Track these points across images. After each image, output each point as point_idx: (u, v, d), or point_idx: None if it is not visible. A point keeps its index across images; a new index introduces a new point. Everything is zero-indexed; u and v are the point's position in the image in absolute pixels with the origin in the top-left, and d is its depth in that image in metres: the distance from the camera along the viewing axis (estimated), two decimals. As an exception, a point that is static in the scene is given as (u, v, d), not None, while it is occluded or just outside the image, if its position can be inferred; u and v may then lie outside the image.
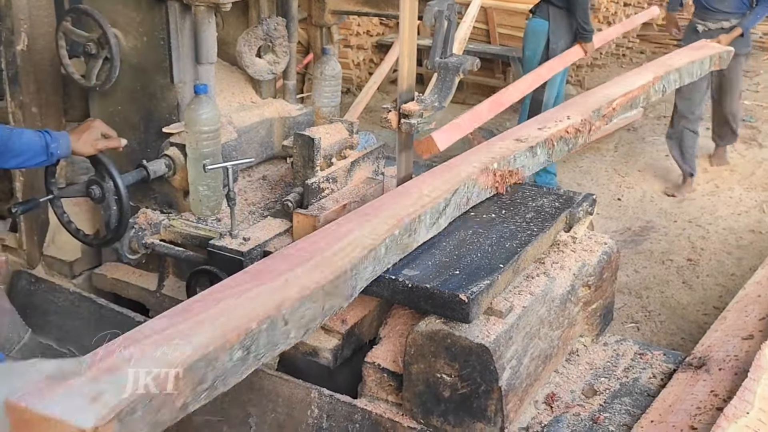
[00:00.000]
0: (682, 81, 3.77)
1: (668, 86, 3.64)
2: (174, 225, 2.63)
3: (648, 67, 3.71)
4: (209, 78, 2.63)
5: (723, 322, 2.80)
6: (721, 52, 4.18)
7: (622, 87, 3.34)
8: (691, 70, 3.85)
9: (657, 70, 3.60)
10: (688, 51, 4.17)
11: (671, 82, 3.65)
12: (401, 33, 2.35)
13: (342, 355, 2.38)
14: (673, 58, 3.89)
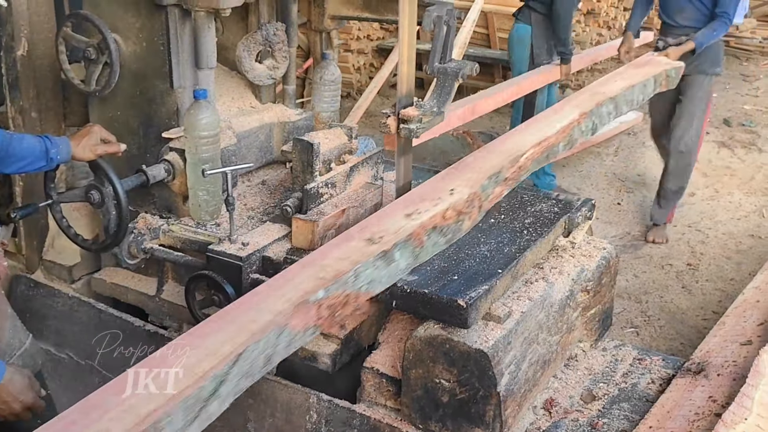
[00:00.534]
0: (619, 111, 3.16)
1: (600, 121, 2.96)
2: (173, 230, 2.63)
3: (575, 99, 3.03)
4: (209, 83, 2.64)
5: (722, 327, 2.80)
6: (668, 69, 3.59)
7: (536, 133, 2.62)
8: (629, 97, 3.20)
9: (585, 102, 2.93)
10: (629, 70, 3.58)
11: (603, 115, 2.99)
12: (401, 38, 2.35)
13: (341, 360, 2.38)
14: (609, 83, 3.24)
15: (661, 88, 3.63)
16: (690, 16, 4.76)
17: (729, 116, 7.16)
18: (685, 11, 4.77)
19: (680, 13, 4.80)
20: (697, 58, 4.71)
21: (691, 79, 4.75)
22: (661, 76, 3.55)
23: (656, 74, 3.51)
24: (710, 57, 4.80)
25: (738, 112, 7.30)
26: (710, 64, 4.82)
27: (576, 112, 2.82)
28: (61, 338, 2.87)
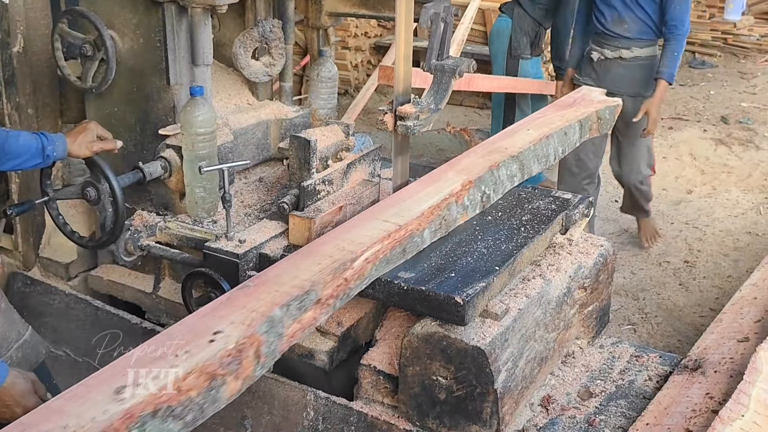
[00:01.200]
0: (527, 172, 2.49)
1: (495, 190, 2.35)
2: (170, 227, 2.63)
3: (464, 159, 2.39)
4: (205, 80, 2.63)
5: (719, 324, 2.80)
6: (600, 109, 2.91)
7: (386, 219, 1.97)
8: (543, 152, 2.56)
9: (476, 165, 2.33)
10: (549, 112, 2.88)
11: (502, 180, 2.37)
12: (397, 35, 2.35)
13: (338, 357, 2.37)
14: (516, 134, 2.61)
15: (590, 134, 2.93)
16: (632, 27, 4.19)
17: (726, 113, 7.16)
18: (625, 22, 4.19)
19: (620, 25, 4.21)
20: (634, 79, 4.19)
21: (630, 103, 4.07)
22: (590, 119, 2.88)
23: (583, 117, 2.83)
24: (646, 76, 4.21)
25: (735, 110, 7.30)
26: (645, 86, 4.20)
27: (459, 180, 2.22)
28: (58, 335, 2.86)
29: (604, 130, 3.02)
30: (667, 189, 5.75)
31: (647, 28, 4.16)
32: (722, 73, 8.74)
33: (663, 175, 5.94)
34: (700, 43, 9.43)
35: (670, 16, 4.04)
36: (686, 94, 7.90)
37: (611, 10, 4.18)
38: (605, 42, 4.26)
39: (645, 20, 4.13)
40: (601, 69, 4.29)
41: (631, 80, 4.22)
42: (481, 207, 2.33)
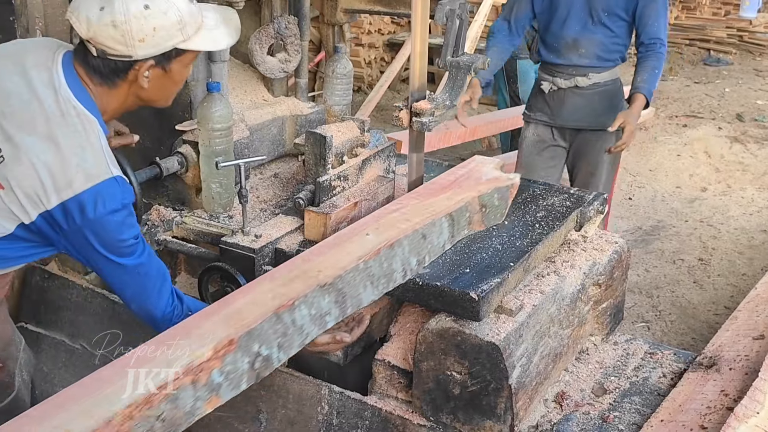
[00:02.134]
0: (350, 307, 1.89)
1: (288, 346, 1.72)
2: (186, 222, 2.65)
3: (241, 298, 1.73)
4: (222, 76, 2.65)
5: (734, 321, 2.79)
6: (485, 193, 2.30)
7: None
8: (381, 270, 1.94)
9: (251, 307, 1.67)
10: (415, 198, 2.25)
11: (300, 329, 1.73)
12: (413, 31, 2.36)
13: (352, 352, 2.38)
14: (344, 245, 1.96)
15: (470, 229, 2.30)
16: (589, 51, 3.58)
17: (742, 111, 7.14)
18: (581, 47, 3.58)
19: (574, 50, 3.59)
20: (590, 111, 3.63)
21: (593, 136, 3.65)
22: (467, 209, 2.25)
23: (457, 208, 2.17)
24: (614, 106, 3.64)
25: (751, 107, 7.28)
26: (608, 116, 3.56)
27: (211, 342, 1.55)
28: (75, 329, 2.89)
29: (491, 222, 2.38)
30: (681, 187, 5.74)
31: (608, 50, 3.60)
32: (738, 70, 8.70)
33: (677, 173, 5.93)
34: (716, 40, 9.39)
35: (647, 35, 3.53)
36: (701, 91, 7.87)
37: (564, 34, 3.59)
38: (557, 70, 3.67)
39: (607, 42, 3.57)
40: (554, 101, 3.71)
41: (591, 111, 3.64)
42: (254, 378, 1.68)
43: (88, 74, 1.94)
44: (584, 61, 3.60)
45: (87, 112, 1.87)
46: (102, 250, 1.87)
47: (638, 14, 3.52)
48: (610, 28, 3.53)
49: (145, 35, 1.86)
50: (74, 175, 1.81)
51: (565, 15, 3.56)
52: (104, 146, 1.88)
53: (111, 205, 1.84)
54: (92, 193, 1.82)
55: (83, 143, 1.84)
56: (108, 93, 1.96)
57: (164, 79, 1.99)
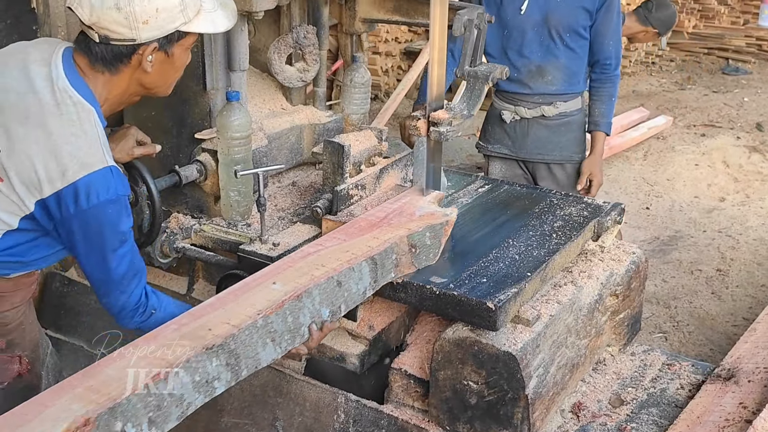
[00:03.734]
0: (245, 367, 1.67)
1: (162, 421, 1.48)
2: (205, 229, 2.67)
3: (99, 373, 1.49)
4: (241, 85, 2.67)
5: (753, 333, 2.77)
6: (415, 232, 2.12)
7: None
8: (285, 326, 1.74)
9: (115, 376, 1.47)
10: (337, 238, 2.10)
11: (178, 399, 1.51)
12: (431, 41, 2.36)
13: (369, 360, 2.39)
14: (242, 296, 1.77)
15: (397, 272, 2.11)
16: (556, 78, 3.37)
17: (761, 121, 7.09)
18: (547, 73, 3.36)
19: (540, 78, 3.37)
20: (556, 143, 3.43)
21: (558, 170, 3.51)
22: (393, 251, 2.06)
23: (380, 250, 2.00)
24: (577, 137, 3.48)
25: (770, 117, 7.23)
26: (577, 146, 3.48)
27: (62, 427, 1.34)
28: (94, 335, 2.90)
29: (422, 264, 2.16)
30: (699, 197, 5.71)
31: (574, 75, 3.39)
32: (757, 79, 8.65)
33: (695, 183, 5.90)
34: (734, 49, 9.34)
35: (603, 54, 3.34)
36: (719, 100, 7.83)
37: (525, 60, 3.35)
38: (520, 99, 3.43)
39: (573, 66, 3.36)
40: (517, 133, 3.47)
41: (557, 143, 3.44)
42: None
43: (90, 63, 1.95)
44: (551, 89, 3.38)
45: (84, 101, 1.89)
46: (90, 240, 1.87)
47: (594, 30, 3.32)
48: (574, 49, 3.33)
49: (148, 17, 1.88)
50: (68, 164, 1.82)
51: (520, 40, 3.33)
52: (100, 136, 1.89)
53: (105, 195, 1.84)
54: (86, 183, 1.82)
55: (77, 132, 1.85)
56: (110, 81, 1.97)
57: (166, 64, 2.01)
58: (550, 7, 3.28)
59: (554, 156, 3.45)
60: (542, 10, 3.29)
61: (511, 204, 2.72)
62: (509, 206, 2.70)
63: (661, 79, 8.88)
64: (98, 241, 1.89)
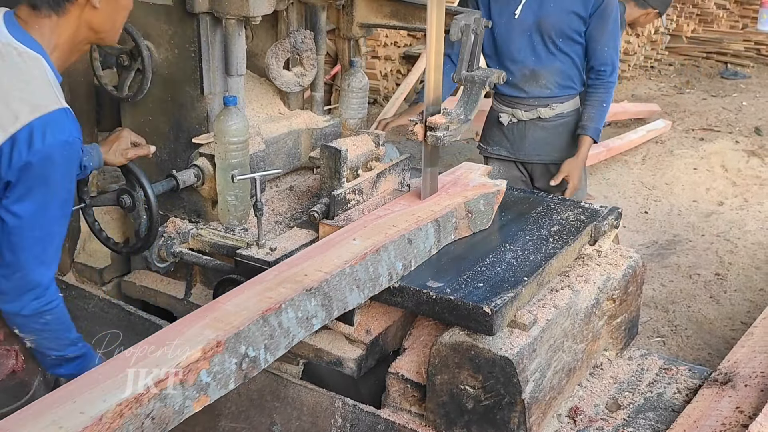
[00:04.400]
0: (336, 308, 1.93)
1: (273, 347, 1.77)
2: (202, 234, 2.67)
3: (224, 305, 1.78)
4: (238, 90, 2.67)
5: (750, 337, 2.77)
6: (471, 199, 2.39)
7: None
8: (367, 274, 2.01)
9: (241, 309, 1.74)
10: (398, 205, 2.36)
11: (286, 330, 1.79)
12: (428, 45, 2.37)
13: (366, 365, 2.39)
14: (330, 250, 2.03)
15: (456, 234, 2.37)
16: (550, 81, 3.38)
17: (759, 125, 7.10)
18: (541, 77, 3.38)
19: (534, 82, 3.39)
20: (553, 145, 3.45)
21: (552, 171, 3.49)
22: (454, 215, 2.32)
23: (443, 214, 2.26)
24: (573, 138, 3.45)
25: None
26: (573, 150, 3.44)
27: (199, 344, 1.61)
28: (92, 339, 2.90)
29: (477, 228, 2.41)
30: (697, 201, 5.71)
31: (570, 79, 3.41)
32: (755, 83, 8.66)
33: (694, 187, 5.90)
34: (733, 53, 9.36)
35: (598, 60, 3.33)
36: (718, 105, 7.84)
37: (520, 65, 3.37)
38: (516, 102, 3.46)
39: (567, 70, 3.38)
40: (514, 135, 3.51)
41: (554, 145, 3.47)
42: (242, 378, 1.71)
43: (35, 10, 1.93)
44: (546, 92, 3.41)
45: (30, 51, 1.88)
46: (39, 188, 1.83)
47: (588, 36, 3.32)
48: (568, 54, 3.34)
49: None
50: (19, 108, 1.81)
51: (515, 48, 3.36)
52: (52, 81, 1.88)
53: (60, 136, 1.83)
54: (41, 123, 1.80)
55: (26, 78, 1.85)
56: (58, 24, 1.96)
57: (114, 3, 2.02)
58: (543, 12, 3.29)
59: (552, 157, 3.46)
60: (536, 15, 3.31)
61: (508, 208, 2.72)
62: (506, 210, 2.71)
63: (660, 83, 8.90)
64: (47, 191, 1.84)
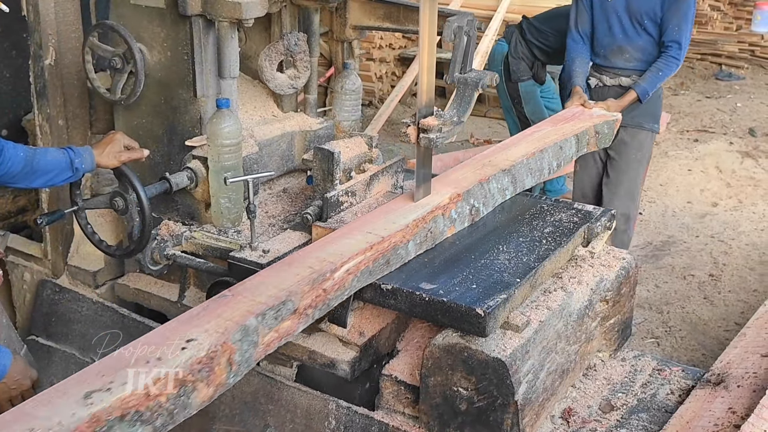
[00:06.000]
0: (519, 186, 2.63)
1: (486, 203, 2.49)
2: (195, 237, 2.67)
3: (454, 173, 2.52)
4: (231, 92, 2.67)
5: (742, 338, 2.78)
6: (598, 123, 3.07)
7: (369, 232, 2.06)
8: (537, 165, 2.69)
9: (466, 178, 2.45)
10: (546, 127, 3.05)
11: (492, 194, 2.49)
12: (421, 48, 2.37)
13: (359, 367, 2.39)
14: (510, 148, 2.76)
15: (588, 149, 3.01)
16: (633, 56, 3.88)
17: (754, 126, 7.11)
18: (625, 52, 3.89)
19: (619, 55, 3.90)
20: (634, 109, 3.84)
21: (626, 135, 3.91)
22: (587, 133, 2.95)
23: (580, 131, 2.90)
24: (649, 108, 3.92)
25: (763, 122, 7.24)
26: (650, 117, 3.95)
27: (447, 194, 2.29)
28: (86, 342, 2.91)
29: (603, 145, 3.14)
30: (692, 202, 5.72)
31: (650, 55, 3.85)
32: (750, 85, 8.67)
33: (688, 188, 5.91)
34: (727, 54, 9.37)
35: (668, 37, 3.76)
36: (712, 106, 7.85)
37: (610, 40, 3.88)
38: (603, 69, 3.97)
39: (649, 47, 3.84)
40: (598, 96, 3.90)
41: (630, 110, 3.81)
42: (469, 220, 2.45)
43: None
44: (629, 65, 3.90)
45: None
46: None
47: (664, 16, 3.76)
48: (651, 34, 3.82)
49: None
50: None
51: (610, 24, 3.87)
52: None
53: None
54: None
55: None
56: None
57: None
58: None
59: (625, 120, 3.71)
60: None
61: (502, 210, 2.72)
62: (499, 212, 2.71)
63: (655, 85, 8.89)
64: None
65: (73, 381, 1.47)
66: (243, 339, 1.64)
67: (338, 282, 1.88)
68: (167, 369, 1.49)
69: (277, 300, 1.72)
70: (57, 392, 1.44)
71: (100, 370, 1.49)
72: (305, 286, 1.80)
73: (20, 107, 3.46)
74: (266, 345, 1.68)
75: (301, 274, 1.84)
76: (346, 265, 1.91)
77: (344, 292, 1.93)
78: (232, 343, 1.61)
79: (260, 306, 1.70)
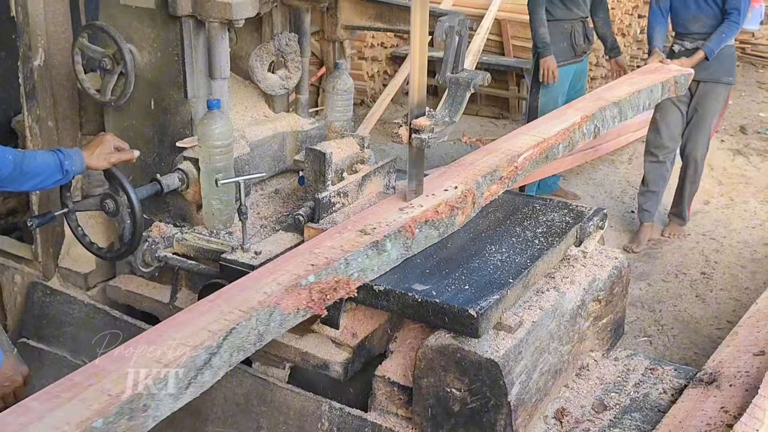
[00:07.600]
0: (624, 116, 3.34)
1: (603, 125, 3.16)
2: (187, 238, 2.66)
3: (579, 103, 3.28)
4: (222, 93, 2.66)
5: (735, 337, 2.79)
6: (676, 75, 3.82)
7: (536, 135, 2.83)
8: (635, 102, 3.40)
9: (588, 106, 3.16)
10: (636, 76, 3.82)
11: (607, 119, 3.18)
12: (412, 47, 2.37)
13: (352, 368, 2.39)
14: (614, 89, 3.48)
15: (669, 94, 3.81)
16: (707, 23, 4.70)
17: (745, 124, 7.13)
18: (699, 20, 4.72)
19: (695, 23, 4.73)
20: (711, 66, 4.64)
21: (706, 88, 4.75)
22: (669, 82, 3.74)
23: (664, 80, 3.71)
24: (725, 65, 4.74)
25: (753, 120, 7.27)
26: (725, 72, 4.77)
27: (578, 115, 3.02)
28: (77, 345, 2.89)
29: (680, 92, 3.95)
30: (684, 200, 5.72)
31: (720, 21, 4.63)
32: (740, 82, 8.68)
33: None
34: (718, 52, 9.37)
35: (729, 5, 4.58)
36: (704, 104, 7.85)
37: (688, 11, 4.72)
38: (685, 36, 4.80)
39: (719, 16, 4.63)
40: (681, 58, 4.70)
41: (707, 67, 4.64)
42: (593, 136, 3.13)
43: None
44: (704, 30, 4.68)
45: None
46: None
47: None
48: (719, 4, 4.62)
49: None
50: None
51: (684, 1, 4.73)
52: None
53: None
54: None
55: None
56: None
57: None
58: None
59: (704, 76, 4.65)
60: None
61: (494, 210, 2.72)
62: (492, 212, 2.71)
63: (646, 83, 8.90)
64: None
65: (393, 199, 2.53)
66: (477, 189, 2.56)
67: (520, 164, 2.74)
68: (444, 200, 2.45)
69: (490, 169, 2.69)
70: (381, 207, 2.47)
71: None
72: (504, 163, 2.72)
73: (10, 108, 3.44)
74: (487, 196, 2.66)
75: (500, 157, 2.76)
76: (524, 154, 2.76)
77: (522, 174, 2.78)
78: (474, 190, 2.52)
79: (481, 172, 2.64)
